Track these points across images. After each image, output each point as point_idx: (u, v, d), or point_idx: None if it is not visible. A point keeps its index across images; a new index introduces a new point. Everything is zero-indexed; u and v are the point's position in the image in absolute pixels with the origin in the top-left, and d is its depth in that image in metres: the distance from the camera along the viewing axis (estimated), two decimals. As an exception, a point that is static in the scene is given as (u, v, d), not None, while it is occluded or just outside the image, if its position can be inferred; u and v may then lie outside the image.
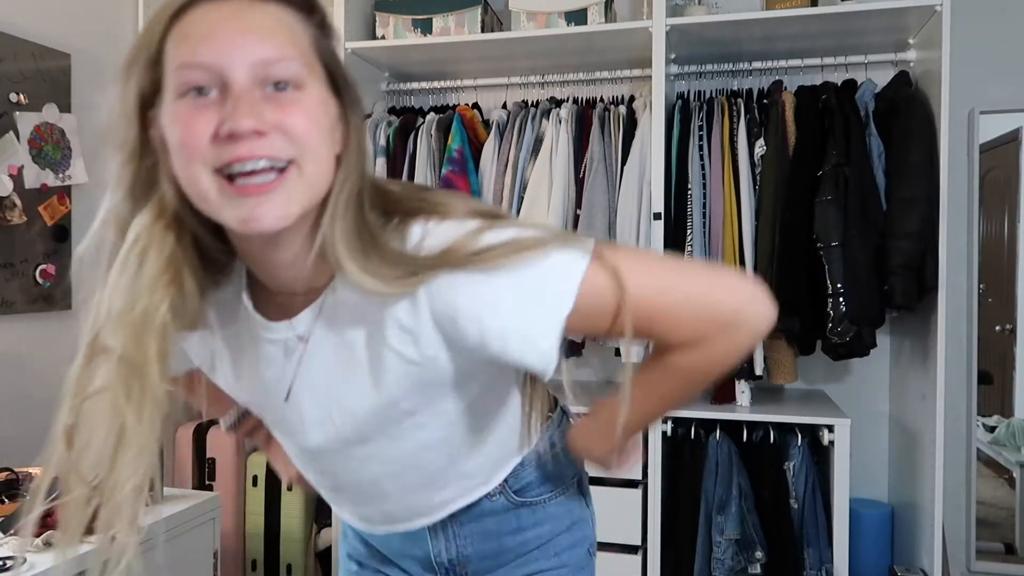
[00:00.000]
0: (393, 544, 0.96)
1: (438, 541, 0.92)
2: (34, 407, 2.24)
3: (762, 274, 2.12)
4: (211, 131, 0.61)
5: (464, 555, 0.92)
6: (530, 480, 0.92)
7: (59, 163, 2.26)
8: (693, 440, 2.23)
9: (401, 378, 0.73)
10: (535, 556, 0.94)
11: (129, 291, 0.67)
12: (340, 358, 0.74)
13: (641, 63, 2.36)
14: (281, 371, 0.76)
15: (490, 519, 0.91)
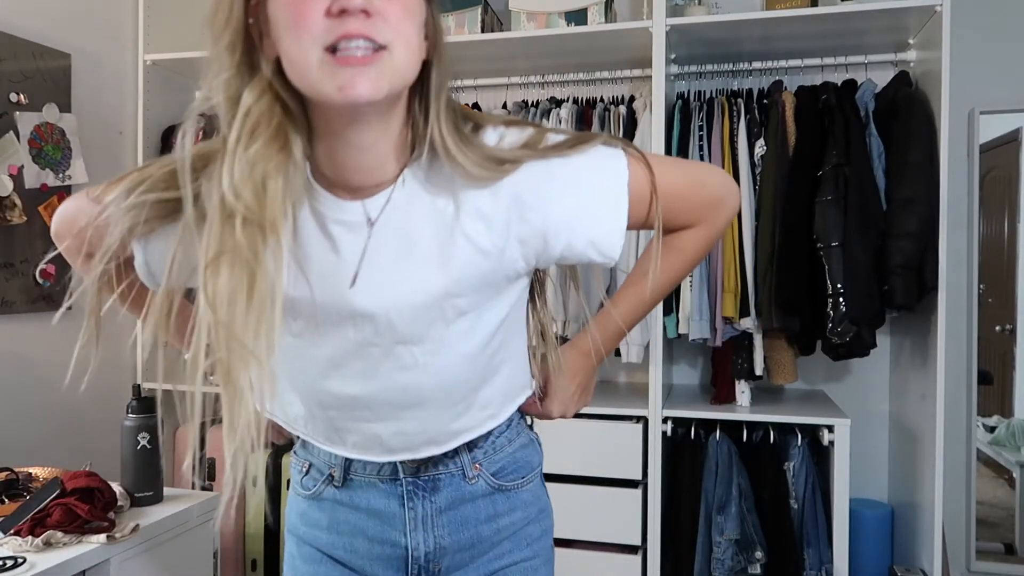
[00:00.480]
0: (363, 548, 0.94)
1: (416, 533, 0.93)
2: (34, 407, 2.24)
3: (762, 274, 2.12)
4: (323, 9, 0.66)
5: (441, 546, 0.93)
6: (504, 463, 0.95)
7: (59, 163, 2.26)
8: (693, 440, 2.23)
9: (467, 266, 0.78)
10: (508, 548, 0.97)
11: (246, 158, 0.70)
12: (408, 243, 0.77)
13: (641, 63, 2.36)
14: (348, 255, 0.78)
15: (468, 506, 0.93)
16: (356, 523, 0.94)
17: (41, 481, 1.80)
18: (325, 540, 0.96)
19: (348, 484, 0.94)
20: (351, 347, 0.82)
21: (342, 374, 0.84)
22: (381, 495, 0.93)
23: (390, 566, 0.94)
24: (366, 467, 0.93)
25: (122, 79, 2.57)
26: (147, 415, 1.80)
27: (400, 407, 0.86)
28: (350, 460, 0.93)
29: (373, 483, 0.93)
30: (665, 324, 2.19)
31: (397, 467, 0.92)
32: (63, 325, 2.32)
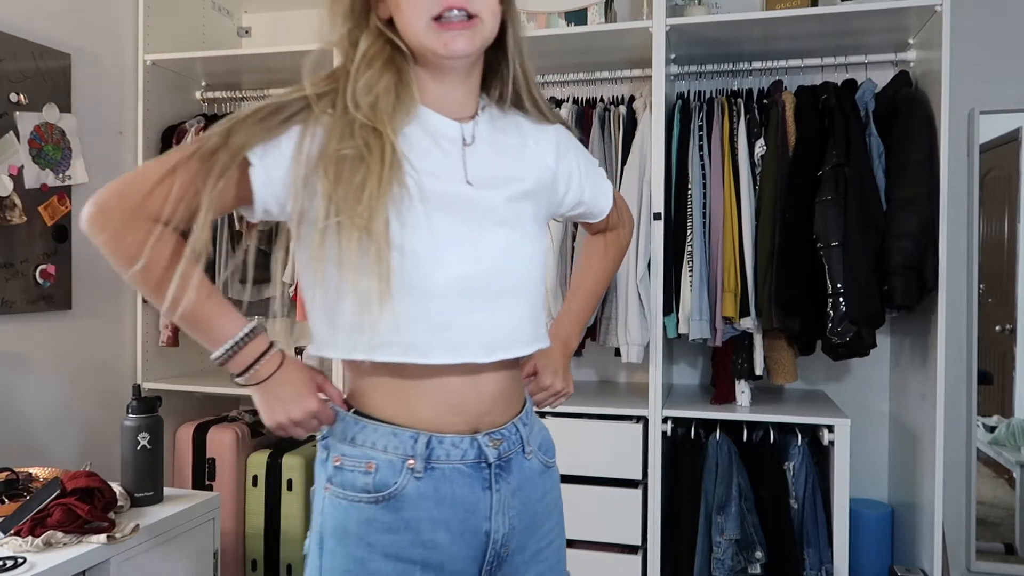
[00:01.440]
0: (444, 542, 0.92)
1: (497, 517, 0.94)
2: (34, 407, 2.24)
3: (762, 274, 2.13)
4: None
5: (512, 527, 0.96)
6: (541, 440, 1.07)
7: (59, 163, 2.26)
8: (693, 440, 2.23)
9: (534, 167, 1.02)
10: (549, 526, 1.04)
11: (364, 80, 0.91)
12: (497, 152, 0.99)
13: (641, 63, 2.36)
14: (454, 158, 0.95)
15: (529, 485, 0.99)
16: (439, 517, 0.92)
17: (41, 481, 1.80)
18: (403, 542, 0.91)
19: (430, 473, 0.91)
20: (461, 229, 0.92)
21: (453, 257, 0.91)
22: (466, 481, 0.93)
23: (468, 557, 0.94)
24: (450, 453, 0.92)
25: (122, 79, 2.57)
26: (147, 415, 1.80)
27: (499, 292, 0.94)
28: (432, 447, 0.92)
29: (458, 468, 0.92)
30: (665, 324, 2.19)
31: (482, 450, 0.93)
32: (63, 325, 2.32)
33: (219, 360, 0.91)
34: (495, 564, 0.96)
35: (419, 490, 0.91)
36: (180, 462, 2.64)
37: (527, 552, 0.99)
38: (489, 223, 0.94)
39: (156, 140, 2.65)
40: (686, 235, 2.18)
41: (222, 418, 2.73)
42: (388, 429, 0.92)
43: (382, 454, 0.91)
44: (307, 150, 0.88)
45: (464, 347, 0.91)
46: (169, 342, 2.60)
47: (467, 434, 0.93)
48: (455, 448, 0.92)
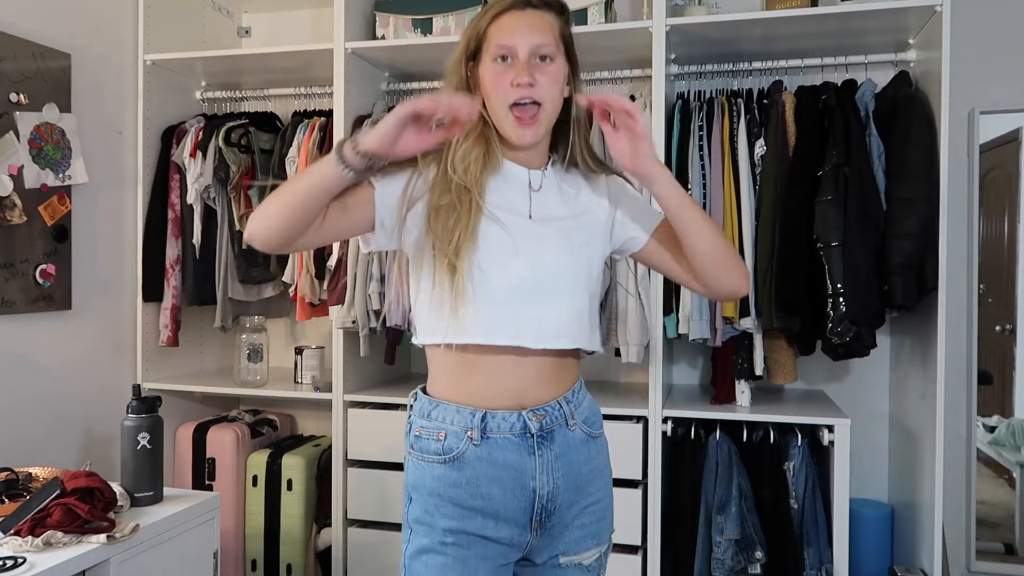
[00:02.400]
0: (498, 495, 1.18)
1: (542, 477, 1.19)
2: (34, 407, 2.24)
3: (762, 274, 2.13)
4: (509, 80, 1.17)
5: (557, 487, 1.20)
6: (587, 415, 1.27)
7: (59, 163, 2.26)
8: (693, 440, 2.23)
9: (584, 208, 1.28)
10: (595, 487, 1.26)
11: (460, 150, 1.19)
12: (558, 197, 1.27)
13: (641, 63, 2.36)
14: (524, 200, 1.24)
15: (573, 452, 1.23)
16: (493, 475, 1.18)
17: (41, 481, 1.80)
18: (465, 494, 1.18)
19: (485, 441, 1.18)
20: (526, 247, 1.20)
21: (520, 264, 1.19)
22: (514, 448, 1.19)
23: (519, 508, 1.19)
24: (501, 424, 1.18)
25: (122, 79, 2.57)
26: (147, 415, 1.79)
27: (550, 291, 1.21)
28: (486, 422, 1.18)
29: (507, 439, 1.18)
30: (665, 324, 2.19)
31: (527, 423, 1.19)
32: (63, 325, 2.32)
33: (355, 167, 1.11)
34: (543, 515, 1.21)
35: (476, 454, 1.18)
36: (180, 462, 2.64)
37: (576, 507, 1.24)
38: (542, 245, 1.21)
39: (156, 140, 2.65)
40: (686, 235, 2.18)
41: (222, 418, 2.74)
42: (454, 407, 1.20)
43: (450, 426, 1.19)
44: (411, 190, 1.19)
45: (520, 333, 1.18)
46: (169, 342, 2.60)
47: (514, 409, 1.19)
48: (504, 421, 1.18)
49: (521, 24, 1.18)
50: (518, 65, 1.17)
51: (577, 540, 1.24)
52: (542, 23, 1.19)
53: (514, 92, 1.16)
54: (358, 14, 2.48)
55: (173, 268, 2.61)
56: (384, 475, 2.37)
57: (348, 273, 2.37)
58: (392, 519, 2.36)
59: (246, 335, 2.58)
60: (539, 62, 1.17)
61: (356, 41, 2.44)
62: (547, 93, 1.17)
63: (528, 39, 1.17)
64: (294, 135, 2.54)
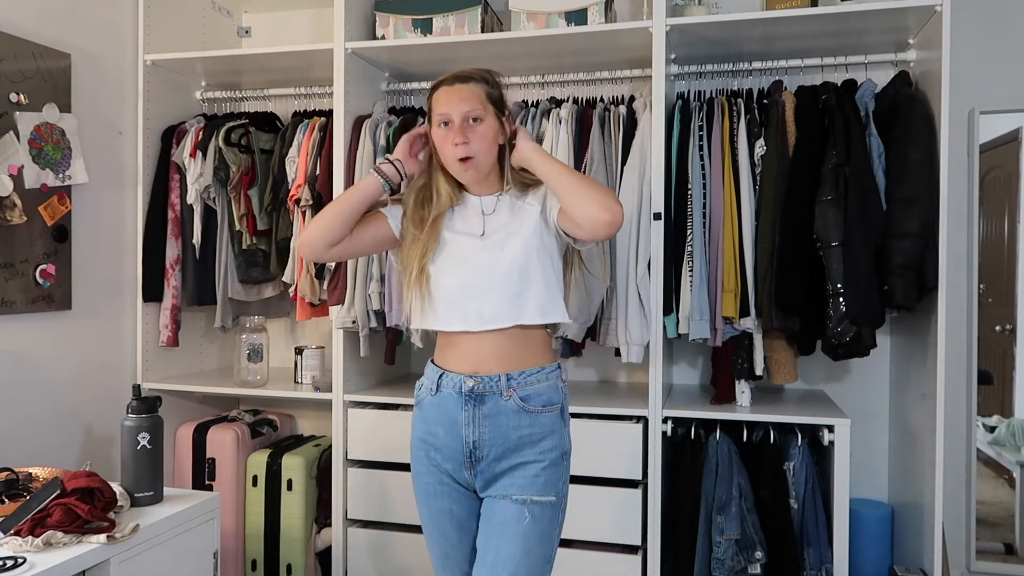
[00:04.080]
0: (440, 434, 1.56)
1: (468, 428, 1.54)
2: (34, 407, 2.24)
3: (762, 274, 2.13)
4: (451, 141, 1.54)
5: (483, 439, 1.53)
6: (531, 393, 1.54)
7: (59, 163, 2.26)
8: (693, 440, 2.23)
9: (526, 212, 1.59)
10: (525, 452, 1.53)
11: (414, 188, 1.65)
12: (509, 214, 1.60)
13: (641, 63, 2.36)
14: (479, 221, 1.61)
15: (501, 416, 1.53)
16: (438, 418, 1.57)
17: (41, 481, 1.80)
18: (423, 430, 1.60)
19: (438, 393, 1.57)
20: (471, 256, 1.58)
21: (464, 269, 1.57)
22: (453, 402, 1.55)
23: (454, 446, 1.55)
24: (448, 383, 1.56)
25: (122, 79, 2.57)
26: (147, 415, 1.79)
27: (486, 286, 1.55)
28: (441, 379, 1.57)
29: (450, 394, 1.55)
30: (665, 324, 2.19)
31: (463, 384, 1.54)
32: (63, 325, 2.32)
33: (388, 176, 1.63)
34: (473, 459, 1.54)
35: (431, 400, 1.59)
36: (180, 462, 2.64)
37: (505, 463, 1.53)
38: (484, 253, 1.57)
39: (156, 140, 2.65)
40: (686, 235, 2.18)
41: (222, 418, 2.74)
42: (431, 367, 1.62)
43: (425, 380, 1.63)
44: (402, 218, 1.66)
45: (467, 320, 1.55)
46: (169, 342, 2.60)
47: (464, 374, 1.55)
48: (451, 381, 1.56)
49: (453, 96, 1.54)
50: (454, 128, 1.53)
51: (506, 487, 1.53)
52: (470, 93, 1.54)
53: (455, 150, 1.53)
54: (358, 14, 2.48)
55: (173, 268, 2.60)
56: (384, 475, 2.37)
57: (348, 273, 2.37)
58: (392, 519, 2.36)
59: (246, 335, 2.58)
60: (471, 123, 1.53)
61: (356, 41, 2.44)
62: (478, 147, 1.54)
63: (459, 108, 1.53)
64: (294, 135, 2.54)
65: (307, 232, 1.60)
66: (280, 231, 2.54)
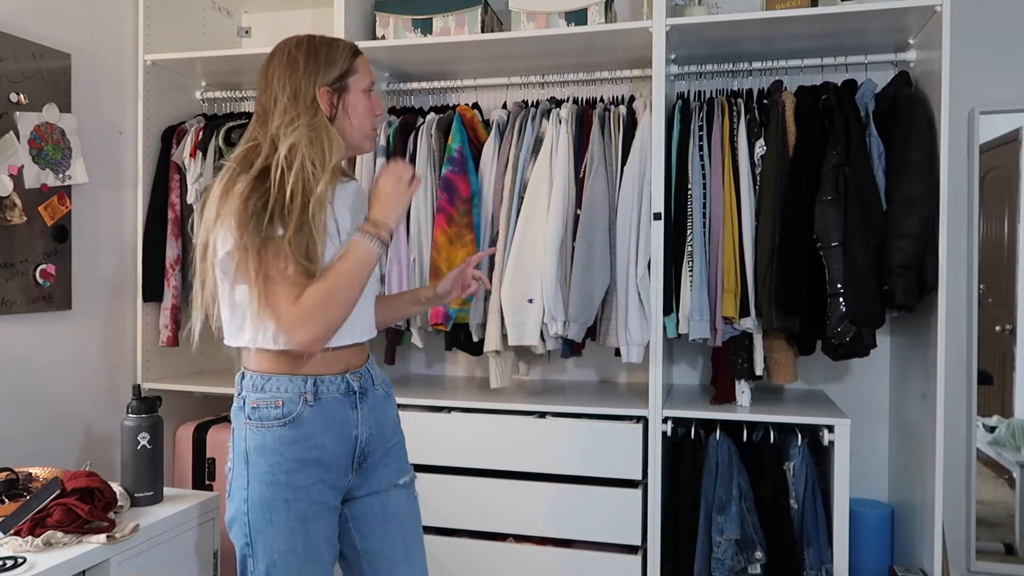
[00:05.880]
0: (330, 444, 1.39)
1: (360, 427, 1.43)
2: (34, 407, 2.24)
3: (762, 274, 2.13)
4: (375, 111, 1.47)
5: (372, 434, 1.45)
6: (382, 378, 1.52)
7: (59, 163, 2.26)
8: (693, 440, 2.23)
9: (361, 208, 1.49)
10: (393, 433, 1.53)
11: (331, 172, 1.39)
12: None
13: (641, 63, 2.36)
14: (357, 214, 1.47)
15: (379, 407, 1.48)
16: (326, 427, 1.39)
17: (41, 481, 1.80)
18: (303, 447, 1.37)
19: (318, 402, 1.39)
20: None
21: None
22: (340, 405, 1.41)
23: (343, 452, 1.42)
24: (330, 387, 1.40)
25: (122, 79, 2.57)
26: (147, 415, 1.79)
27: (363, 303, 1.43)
28: (317, 386, 1.38)
29: (335, 398, 1.41)
30: (665, 324, 2.19)
31: (350, 383, 1.42)
32: (63, 325, 2.32)
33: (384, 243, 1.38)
34: (362, 458, 1.45)
35: (312, 412, 1.38)
36: (180, 462, 2.64)
37: (380, 451, 1.48)
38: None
39: (156, 140, 2.65)
40: (686, 235, 2.18)
41: (222, 418, 2.73)
42: (287, 378, 1.38)
43: (285, 395, 1.37)
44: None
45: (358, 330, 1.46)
46: (169, 342, 2.60)
47: (340, 374, 1.41)
48: (332, 384, 1.41)
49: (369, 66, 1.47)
50: (375, 98, 1.47)
51: (387, 476, 1.50)
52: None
53: (375, 120, 1.47)
54: (358, 14, 2.48)
55: (173, 268, 2.60)
56: (384, 475, 2.37)
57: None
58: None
59: (246, 335, 2.58)
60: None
61: (356, 41, 2.43)
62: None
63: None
64: (294, 135, 2.54)
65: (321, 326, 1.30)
66: (280, 231, 2.54)
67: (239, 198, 1.28)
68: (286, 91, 1.36)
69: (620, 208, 2.21)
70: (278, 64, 1.39)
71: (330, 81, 1.38)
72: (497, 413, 2.26)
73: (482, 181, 2.36)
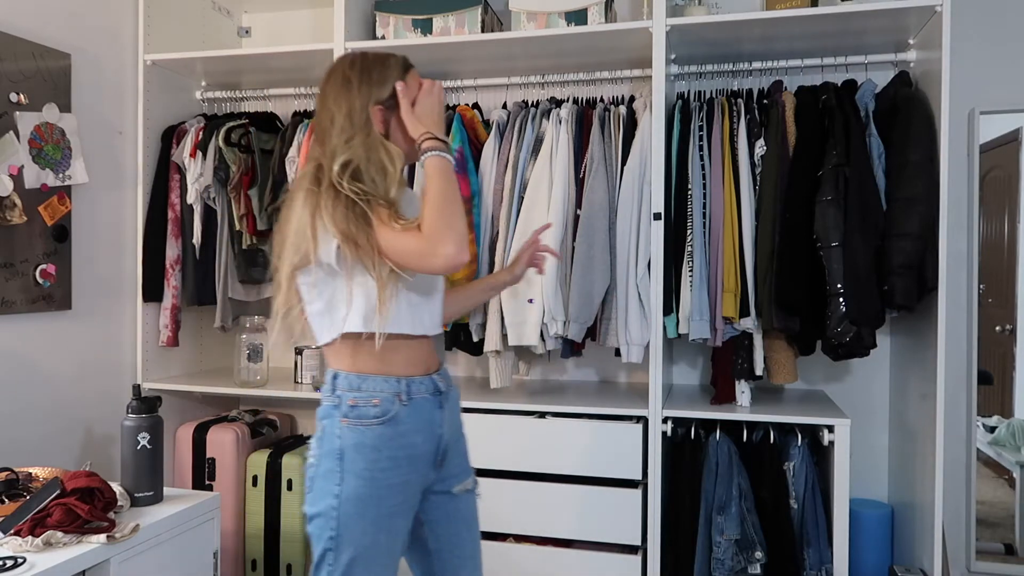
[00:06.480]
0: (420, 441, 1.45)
1: (444, 425, 1.50)
2: (34, 407, 2.24)
3: (762, 274, 2.12)
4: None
5: (451, 431, 1.52)
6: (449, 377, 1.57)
7: (59, 163, 2.26)
8: (693, 440, 2.23)
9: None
10: (461, 433, 1.61)
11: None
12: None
13: (641, 63, 2.36)
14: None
15: (455, 405, 1.56)
16: (418, 426, 1.46)
17: (41, 481, 1.80)
18: (398, 445, 1.42)
19: (411, 402, 1.45)
20: None
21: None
22: (429, 405, 1.48)
23: (430, 450, 1.48)
24: (420, 388, 1.46)
25: (122, 79, 2.57)
26: (147, 415, 1.80)
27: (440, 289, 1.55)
28: (410, 386, 1.45)
29: (426, 399, 1.47)
30: (665, 324, 2.19)
31: (437, 384, 1.49)
32: (63, 325, 2.32)
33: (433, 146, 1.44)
34: (443, 457, 1.51)
35: (405, 412, 1.44)
36: (180, 462, 2.64)
37: (454, 449, 1.55)
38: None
39: (156, 140, 2.65)
40: (686, 235, 2.18)
41: (222, 418, 2.74)
42: (381, 379, 1.44)
43: (382, 394, 1.43)
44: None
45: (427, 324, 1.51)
46: (169, 342, 2.60)
47: (426, 375, 1.48)
48: (426, 384, 1.48)
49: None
50: None
51: (456, 474, 1.57)
52: None
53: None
54: (358, 14, 2.48)
55: (173, 268, 2.60)
56: (384, 475, 2.37)
57: (348, 273, 2.36)
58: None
59: (246, 335, 2.59)
60: None
61: (356, 41, 2.44)
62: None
63: None
64: (294, 135, 2.54)
65: (453, 233, 1.35)
66: (280, 231, 2.54)
67: (328, 213, 1.35)
68: (342, 110, 1.43)
69: (620, 208, 2.21)
70: (334, 84, 1.46)
71: (382, 99, 1.45)
72: (497, 413, 2.26)
73: (482, 181, 2.36)
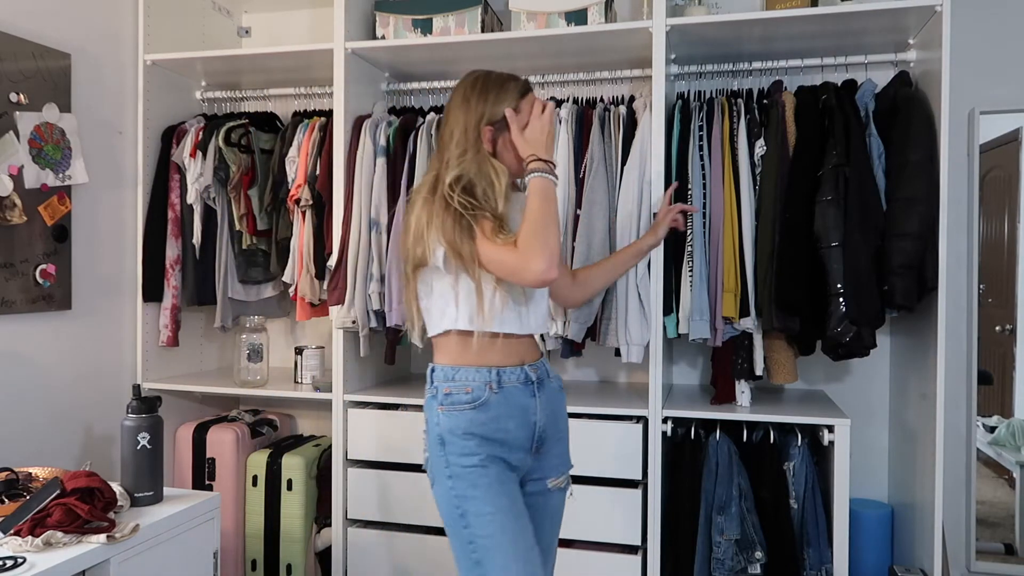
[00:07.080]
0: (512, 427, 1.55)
1: (538, 413, 1.59)
2: (34, 407, 2.24)
3: (762, 274, 2.12)
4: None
5: (546, 420, 1.61)
6: (551, 372, 1.68)
7: (59, 163, 2.26)
8: (693, 440, 2.23)
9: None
10: (562, 424, 1.69)
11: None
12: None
13: (641, 63, 2.36)
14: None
15: (553, 396, 1.65)
16: (510, 412, 1.56)
17: (41, 481, 1.80)
18: (491, 428, 1.54)
19: (502, 390, 1.56)
20: None
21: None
22: (521, 393, 1.58)
23: (524, 435, 1.58)
24: (511, 377, 1.57)
25: (122, 79, 2.57)
26: (147, 415, 1.80)
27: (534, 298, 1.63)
28: (500, 376, 1.56)
29: (516, 387, 1.57)
30: (665, 324, 2.19)
31: (528, 374, 1.59)
32: (63, 325, 2.32)
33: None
34: (539, 442, 1.60)
35: (496, 399, 1.56)
36: (180, 462, 2.64)
37: (553, 439, 1.64)
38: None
39: (156, 140, 2.65)
40: (686, 235, 2.18)
41: (222, 418, 2.74)
42: (473, 369, 1.56)
43: (473, 382, 1.55)
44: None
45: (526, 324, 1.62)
46: (169, 342, 2.60)
47: (518, 366, 1.59)
48: (516, 373, 1.58)
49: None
50: None
51: (555, 466, 1.66)
52: None
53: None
54: (358, 14, 2.48)
55: (173, 268, 2.61)
56: (384, 475, 2.37)
57: (348, 273, 2.37)
58: (392, 519, 2.36)
59: (246, 335, 2.59)
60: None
61: (356, 41, 2.44)
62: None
63: None
64: (294, 135, 2.54)
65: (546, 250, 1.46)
66: (280, 231, 2.54)
67: (439, 222, 1.49)
68: (459, 126, 1.58)
69: (620, 208, 2.22)
70: (456, 101, 1.63)
71: (494, 121, 1.59)
72: (497, 413, 2.26)
73: (482, 181, 2.36)
